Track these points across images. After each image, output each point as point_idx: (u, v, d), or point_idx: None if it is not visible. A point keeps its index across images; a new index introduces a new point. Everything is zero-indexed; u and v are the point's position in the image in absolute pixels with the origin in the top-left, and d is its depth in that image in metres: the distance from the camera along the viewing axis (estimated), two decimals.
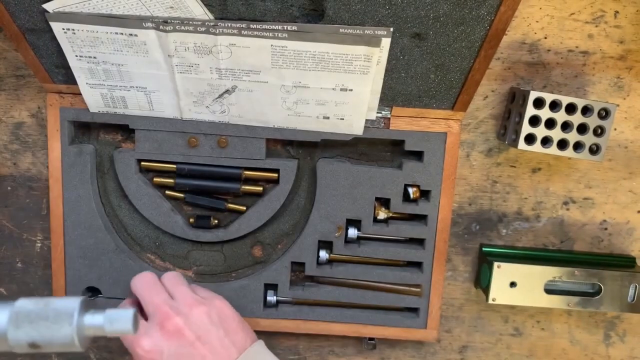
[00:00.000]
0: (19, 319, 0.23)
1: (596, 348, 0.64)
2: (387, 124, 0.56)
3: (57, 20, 0.49)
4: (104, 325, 0.24)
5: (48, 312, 0.23)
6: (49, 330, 0.23)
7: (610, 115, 0.53)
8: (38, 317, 0.23)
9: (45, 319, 0.23)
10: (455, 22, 0.47)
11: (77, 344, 0.23)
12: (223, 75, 0.52)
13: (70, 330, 0.23)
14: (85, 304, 0.24)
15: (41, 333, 0.23)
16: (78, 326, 0.23)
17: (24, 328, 0.23)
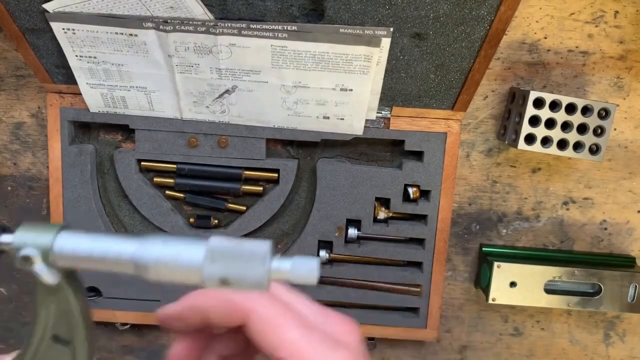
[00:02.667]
0: (214, 254, 0.24)
1: (596, 348, 0.64)
2: (387, 124, 0.56)
3: (57, 20, 0.49)
4: (291, 271, 0.25)
5: (243, 251, 0.24)
6: (242, 269, 0.24)
7: (610, 115, 0.53)
8: (233, 255, 0.24)
9: (239, 257, 0.24)
10: (455, 22, 0.47)
11: (266, 285, 0.24)
12: (223, 75, 0.52)
13: (262, 270, 0.24)
14: (272, 248, 0.25)
15: (235, 270, 0.24)
16: (268, 268, 0.24)
17: (219, 263, 0.23)
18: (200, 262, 0.24)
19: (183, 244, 0.24)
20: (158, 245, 0.24)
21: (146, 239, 0.24)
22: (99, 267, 0.24)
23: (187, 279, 0.24)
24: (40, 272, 0.24)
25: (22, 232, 0.24)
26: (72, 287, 0.25)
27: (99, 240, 0.24)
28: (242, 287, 0.24)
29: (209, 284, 0.24)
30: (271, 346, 0.26)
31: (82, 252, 0.24)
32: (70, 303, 0.25)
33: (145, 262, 0.24)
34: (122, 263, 0.24)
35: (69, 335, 0.25)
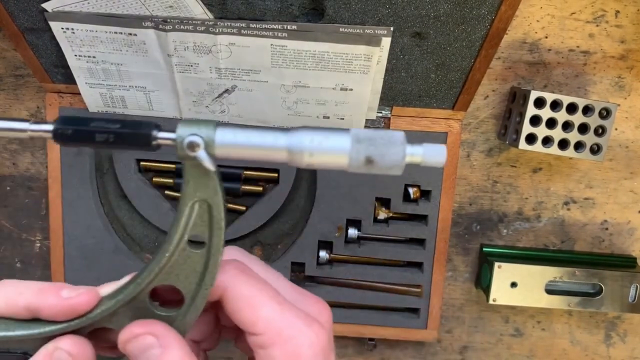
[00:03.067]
0: (359, 137, 0.27)
1: (597, 348, 0.63)
2: (387, 123, 0.56)
3: (56, 20, 0.49)
4: (423, 154, 0.28)
5: (382, 136, 0.27)
6: (383, 150, 0.27)
7: (611, 115, 0.52)
8: (375, 138, 0.27)
9: (380, 140, 0.27)
10: (456, 21, 0.47)
11: (402, 165, 0.27)
12: (223, 75, 0.51)
13: (401, 150, 0.27)
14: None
15: (377, 151, 0.27)
16: (404, 150, 0.27)
17: (364, 145, 0.27)
18: (348, 144, 0.26)
19: (329, 131, 0.27)
20: (308, 133, 0.27)
21: (295, 130, 0.27)
22: (254, 156, 0.27)
23: (336, 161, 0.27)
24: (203, 157, 0.26)
25: (183, 126, 0.27)
26: (219, 181, 0.28)
27: (254, 131, 0.27)
28: (383, 166, 0.27)
29: (356, 163, 0.26)
30: (247, 322, 0.28)
31: (240, 141, 0.27)
32: (217, 195, 0.27)
33: (299, 148, 0.26)
34: (277, 150, 0.27)
35: (208, 234, 0.28)
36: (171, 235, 0.28)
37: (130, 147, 0.27)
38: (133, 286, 0.28)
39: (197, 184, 0.28)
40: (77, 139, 0.27)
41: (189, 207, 0.28)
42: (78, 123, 0.27)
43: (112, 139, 0.27)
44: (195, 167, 0.27)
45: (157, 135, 0.27)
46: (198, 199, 0.28)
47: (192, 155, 0.26)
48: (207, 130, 0.27)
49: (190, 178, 0.28)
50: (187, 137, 0.26)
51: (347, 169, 0.27)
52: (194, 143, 0.26)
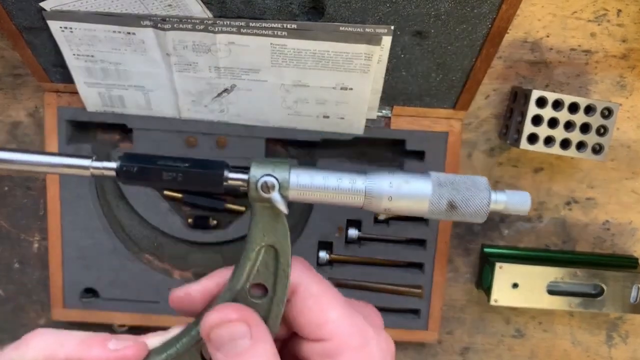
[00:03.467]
0: (441, 180, 0.26)
1: (598, 349, 0.63)
2: (387, 123, 0.56)
3: (54, 19, 0.48)
4: (507, 201, 0.27)
5: (465, 181, 0.27)
6: (467, 193, 0.26)
7: (613, 115, 0.52)
8: (457, 182, 0.26)
9: (463, 185, 0.26)
10: (457, 20, 0.47)
11: (487, 213, 0.26)
12: (222, 74, 0.51)
13: (486, 197, 0.26)
14: None
15: (461, 194, 0.26)
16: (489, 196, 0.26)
17: (447, 188, 0.26)
18: (429, 188, 0.26)
19: (409, 174, 0.27)
20: (387, 176, 0.26)
21: (373, 173, 0.27)
22: (328, 199, 0.27)
23: (416, 206, 0.26)
24: (277, 200, 0.26)
25: (257, 166, 0.26)
26: (287, 226, 0.28)
27: (330, 173, 0.27)
28: (466, 212, 0.26)
29: (437, 209, 0.26)
30: (314, 324, 0.26)
31: (316, 183, 0.27)
32: (286, 241, 0.28)
33: (378, 192, 0.26)
34: (354, 194, 0.26)
35: (272, 282, 0.28)
36: (233, 284, 0.27)
37: (198, 186, 0.26)
38: (186, 340, 0.27)
39: (266, 228, 0.27)
40: (143, 177, 0.26)
41: (255, 253, 0.27)
42: (144, 161, 0.26)
43: (181, 179, 0.26)
44: (266, 210, 0.27)
45: (228, 176, 0.26)
46: (265, 244, 0.27)
47: (265, 197, 0.26)
48: (281, 171, 0.26)
49: (259, 221, 0.27)
50: (261, 178, 0.26)
51: (426, 214, 0.26)
52: (268, 184, 0.26)
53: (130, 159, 0.26)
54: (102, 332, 0.63)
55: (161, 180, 0.26)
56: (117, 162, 0.26)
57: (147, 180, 0.26)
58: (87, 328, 0.62)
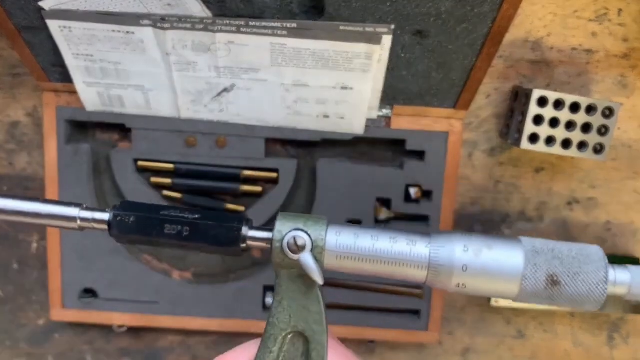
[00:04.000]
0: (536, 247, 0.19)
1: (600, 350, 0.63)
2: (388, 123, 0.55)
3: (53, 18, 0.48)
4: (632, 283, 0.19)
5: (570, 247, 0.19)
6: (576, 265, 0.19)
7: (614, 115, 0.52)
8: (559, 250, 0.19)
9: (568, 251, 0.19)
10: (458, 19, 0.47)
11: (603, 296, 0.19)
12: (221, 74, 0.51)
13: (603, 268, 0.19)
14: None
15: (567, 266, 0.19)
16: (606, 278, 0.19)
17: (545, 256, 0.19)
18: (521, 255, 0.19)
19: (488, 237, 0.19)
20: (459, 238, 0.19)
21: (439, 234, 0.19)
22: (378, 269, 0.19)
23: (502, 280, 0.18)
24: (308, 263, 0.19)
25: (284, 219, 0.20)
26: (324, 305, 0.21)
27: (381, 232, 0.19)
28: (574, 293, 0.18)
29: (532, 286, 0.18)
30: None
31: (362, 246, 0.19)
32: (321, 326, 0.20)
33: (447, 260, 0.18)
34: (414, 261, 0.19)
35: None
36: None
37: (209, 245, 0.21)
38: None
39: (294, 308, 0.20)
40: (141, 230, 0.21)
41: (278, 343, 0.20)
42: (143, 210, 0.21)
43: (187, 233, 0.20)
44: (295, 282, 0.20)
45: (248, 234, 0.21)
46: (292, 331, 0.20)
47: (294, 259, 0.20)
48: (316, 227, 0.20)
49: (285, 297, 0.20)
50: (288, 234, 0.20)
51: (514, 294, 0.19)
52: (298, 242, 0.20)
53: (126, 207, 0.21)
54: (101, 332, 0.63)
55: (163, 234, 0.21)
56: (110, 212, 0.21)
57: (147, 234, 0.21)
58: (87, 329, 0.62)
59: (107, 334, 0.62)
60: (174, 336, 0.63)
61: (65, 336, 0.63)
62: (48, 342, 0.63)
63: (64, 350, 0.63)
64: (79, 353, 0.63)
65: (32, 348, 0.63)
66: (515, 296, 0.19)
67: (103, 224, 0.21)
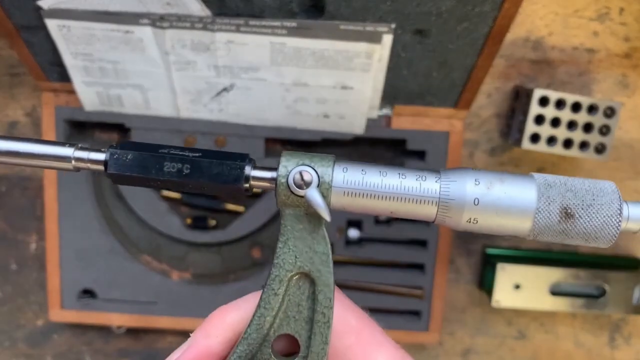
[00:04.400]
0: (549, 181, 0.19)
1: (601, 351, 0.62)
2: (388, 122, 0.55)
3: (52, 17, 0.48)
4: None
5: (582, 182, 0.19)
6: (589, 196, 0.18)
7: (615, 114, 0.52)
8: (572, 183, 0.19)
9: (581, 185, 0.19)
10: (458, 18, 0.46)
11: (616, 230, 0.19)
12: (221, 73, 0.51)
13: (617, 202, 0.18)
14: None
15: (580, 198, 0.18)
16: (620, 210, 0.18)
17: (558, 189, 0.18)
18: (533, 188, 0.18)
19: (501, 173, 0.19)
20: (471, 174, 0.18)
21: (449, 172, 0.19)
22: (387, 206, 0.19)
23: (515, 215, 0.18)
24: (314, 199, 0.19)
25: (289, 156, 0.19)
26: (330, 245, 0.20)
27: (389, 169, 0.19)
28: (588, 226, 0.18)
29: (545, 219, 0.18)
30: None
31: (370, 182, 0.19)
32: (326, 267, 0.20)
33: (459, 194, 0.18)
34: (424, 197, 0.18)
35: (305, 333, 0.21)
36: (251, 333, 0.21)
37: (211, 183, 0.20)
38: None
39: (299, 247, 0.20)
40: (140, 169, 0.19)
41: (284, 285, 0.21)
42: (142, 148, 0.20)
43: (188, 171, 0.19)
44: (301, 220, 0.20)
45: (251, 174, 0.20)
46: (297, 272, 0.20)
47: (300, 194, 0.19)
48: (322, 163, 0.19)
49: (290, 236, 0.20)
50: (294, 169, 0.19)
51: (527, 229, 0.18)
52: (304, 177, 0.19)
53: (124, 146, 0.20)
54: (100, 332, 0.63)
55: (162, 172, 0.19)
56: (107, 151, 0.20)
57: (145, 172, 0.20)
58: (85, 329, 0.62)
59: (106, 334, 0.62)
60: (173, 337, 0.63)
61: (64, 337, 0.63)
62: (47, 342, 0.63)
63: (63, 351, 0.63)
64: (78, 354, 0.63)
65: (30, 349, 0.63)
66: (528, 231, 0.18)
67: (99, 164, 0.20)
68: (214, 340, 0.21)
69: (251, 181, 0.20)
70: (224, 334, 0.21)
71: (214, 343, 0.21)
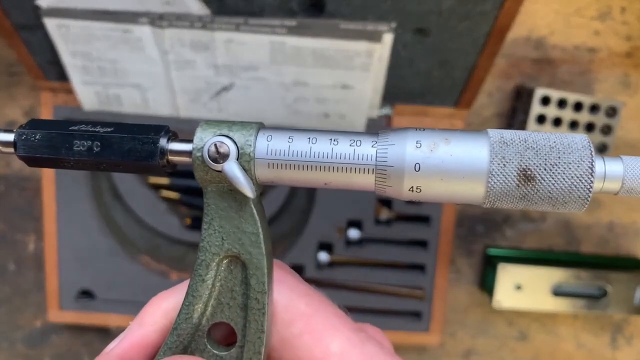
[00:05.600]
0: (505, 138, 0.16)
1: (602, 351, 0.62)
2: (389, 122, 0.55)
3: (51, 16, 0.47)
4: (625, 175, 0.16)
5: (547, 137, 0.17)
6: (554, 154, 0.16)
7: (617, 114, 0.51)
8: (534, 140, 0.16)
9: (545, 141, 0.17)
10: (459, 17, 0.46)
11: (587, 193, 0.16)
12: (220, 72, 0.50)
13: (588, 158, 0.16)
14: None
15: (543, 157, 0.16)
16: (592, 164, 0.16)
17: (516, 147, 0.16)
18: (485, 147, 0.16)
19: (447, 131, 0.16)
20: (414, 134, 0.16)
21: (390, 132, 0.16)
22: (317, 177, 0.17)
23: (464, 179, 0.16)
24: (233, 172, 0.17)
25: (206, 126, 0.17)
26: (263, 224, 0.18)
27: (320, 134, 0.17)
28: (552, 189, 0.16)
29: (500, 182, 0.15)
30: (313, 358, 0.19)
31: (298, 150, 0.17)
32: (258, 248, 0.18)
33: (397, 158, 0.16)
34: (359, 164, 0.16)
35: (241, 320, 0.19)
36: (181, 322, 0.19)
37: (122, 161, 0.18)
38: None
39: (224, 227, 0.18)
40: (49, 149, 0.18)
41: (213, 270, 0.19)
42: (51, 126, 0.18)
43: (98, 149, 0.18)
44: (223, 197, 0.18)
45: (168, 147, 0.18)
46: (225, 255, 0.19)
47: (216, 168, 0.17)
48: (243, 132, 0.17)
49: (214, 216, 0.18)
50: (208, 141, 0.17)
51: (481, 196, 0.16)
52: (219, 149, 0.17)
53: (33, 125, 0.19)
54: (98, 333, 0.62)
55: (72, 151, 0.18)
56: (15, 131, 0.19)
57: (55, 152, 0.18)
58: (84, 330, 0.62)
59: (104, 335, 0.62)
60: None
61: (63, 338, 0.62)
62: (45, 343, 0.63)
63: (61, 352, 0.63)
64: (76, 355, 0.63)
65: (29, 349, 0.63)
66: (482, 198, 0.16)
67: (9, 146, 0.19)
68: (149, 328, 0.20)
69: (169, 156, 0.18)
70: (160, 322, 0.20)
71: (149, 331, 0.20)
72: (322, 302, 0.20)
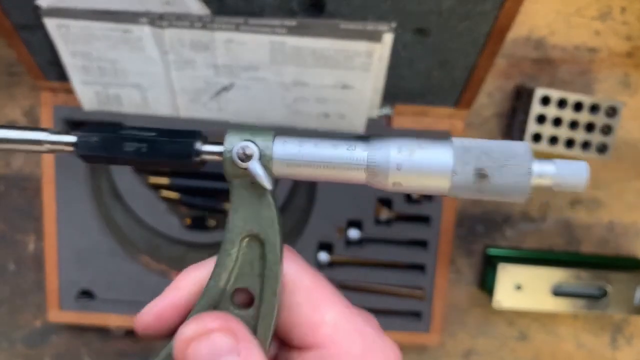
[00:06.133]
0: (465, 145, 0.21)
1: (603, 352, 0.62)
2: (389, 122, 0.55)
3: (50, 16, 0.47)
4: (556, 174, 0.21)
5: (498, 144, 0.21)
6: (502, 159, 0.21)
7: (617, 114, 0.51)
8: (489, 146, 0.21)
9: (497, 147, 0.21)
10: (460, 17, 0.46)
11: (528, 186, 0.21)
12: (220, 72, 0.50)
13: (527, 162, 0.21)
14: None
15: (494, 159, 0.21)
16: (530, 167, 0.21)
17: (474, 153, 0.21)
18: (450, 153, 0.21)
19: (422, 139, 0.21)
20: (396, 142, 0.21)
21: (377, 139, 0.22)
22: (322, 173, 0.22)
23: (434, 176, 0.21)
24: (257, 170, 0.22)
25: (233, 132, 0.22)
26: (277, 210, 0.23)
27: (322, 141, 0.22)
28: (502, 184, 0.20)
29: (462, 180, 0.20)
30: (305, 326, 0.22)
31: (306, 153, 0.22)
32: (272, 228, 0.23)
33: (383, 161, 0.21)
34: (354, 165, 0.22)
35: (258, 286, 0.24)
36: (210, 288, 0.24)
37: (166, 160, 0.23)
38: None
39: (247, 212, 0.23)
40: (105, 149, 0.22)
41: (236, 246, 0.23)
42: (106, 131, 0.23)
43: (145, 150, 0.22)
44: (247, 188, 0.23)
45: (201, 149, 0.23)
46: (248, 234, 0.23)
47: (243, 166, 0.22)
48: (263, 137, 0.22)
49: (239, 204, 0.23)
50: (237, 145, 0.22)
51: (447, 189, 0.21)
52: (246, 151, 0.22)
53: (90, 130, 0.23)
54: (99, 334, 0.62)
55: (123, 152, 0.22)
56: (76, 135, 0.23)
57: (109, 152, 0.22)
58: (84, 330, 0.62)
59: (104, 335, 0.62)
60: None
61: (63, 338, 0.62)
62: (45, 343, 0.63)
63: (61, 352, 0.63)
64: (76, 355, 0.63)
65: (29, 350, 0.63)
66: (448, 190, 0.21)
67: (70, 146, 0.23)
68: (183, 292, 0.24)
69: (202, 155, 0.23)
70: (192, 288, 0.24)
71: (183, 294, 0.24)
72: (323, 281, 0.24)
